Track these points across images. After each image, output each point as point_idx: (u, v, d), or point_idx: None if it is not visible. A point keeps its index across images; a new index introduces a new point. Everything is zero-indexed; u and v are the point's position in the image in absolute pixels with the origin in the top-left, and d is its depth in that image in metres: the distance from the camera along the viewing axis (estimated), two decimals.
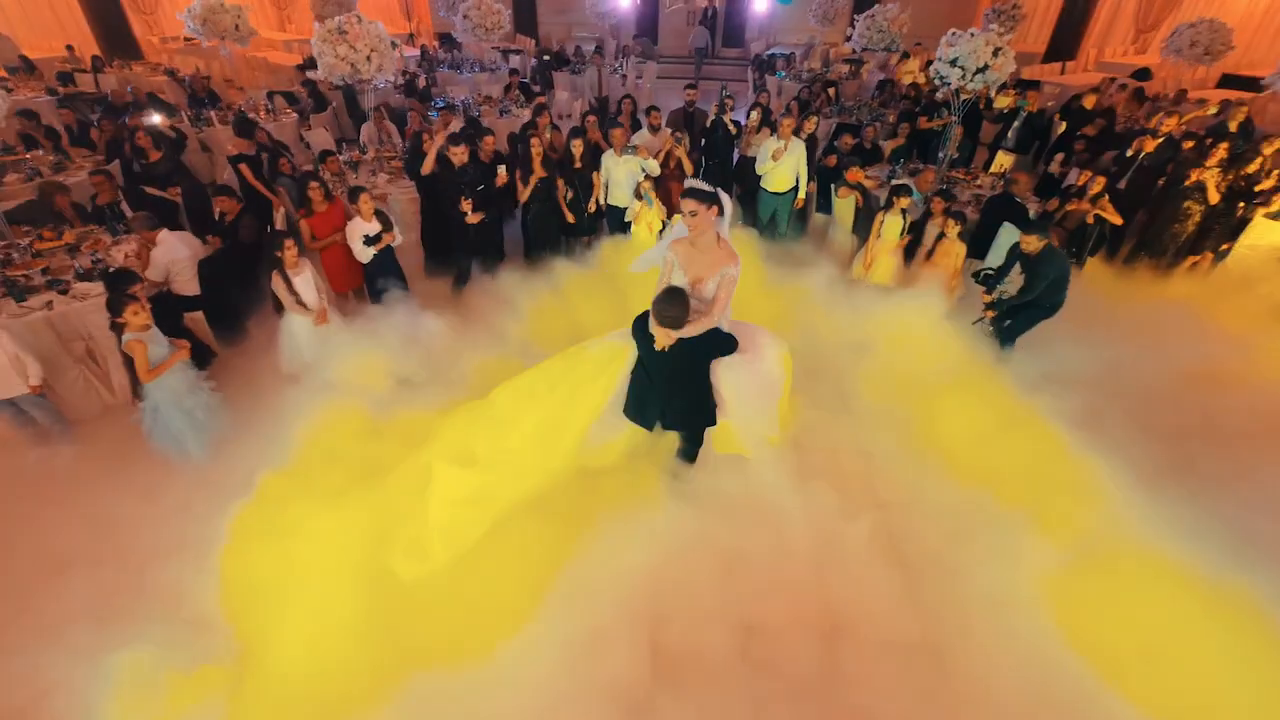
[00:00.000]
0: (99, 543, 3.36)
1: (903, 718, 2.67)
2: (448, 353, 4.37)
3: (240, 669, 2.67)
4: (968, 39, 5.82)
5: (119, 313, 3.39)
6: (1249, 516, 3.33)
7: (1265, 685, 2.46)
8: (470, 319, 4.87)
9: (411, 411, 3.74)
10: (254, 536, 3.01)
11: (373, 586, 2.87)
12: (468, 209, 5.12)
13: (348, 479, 3.27)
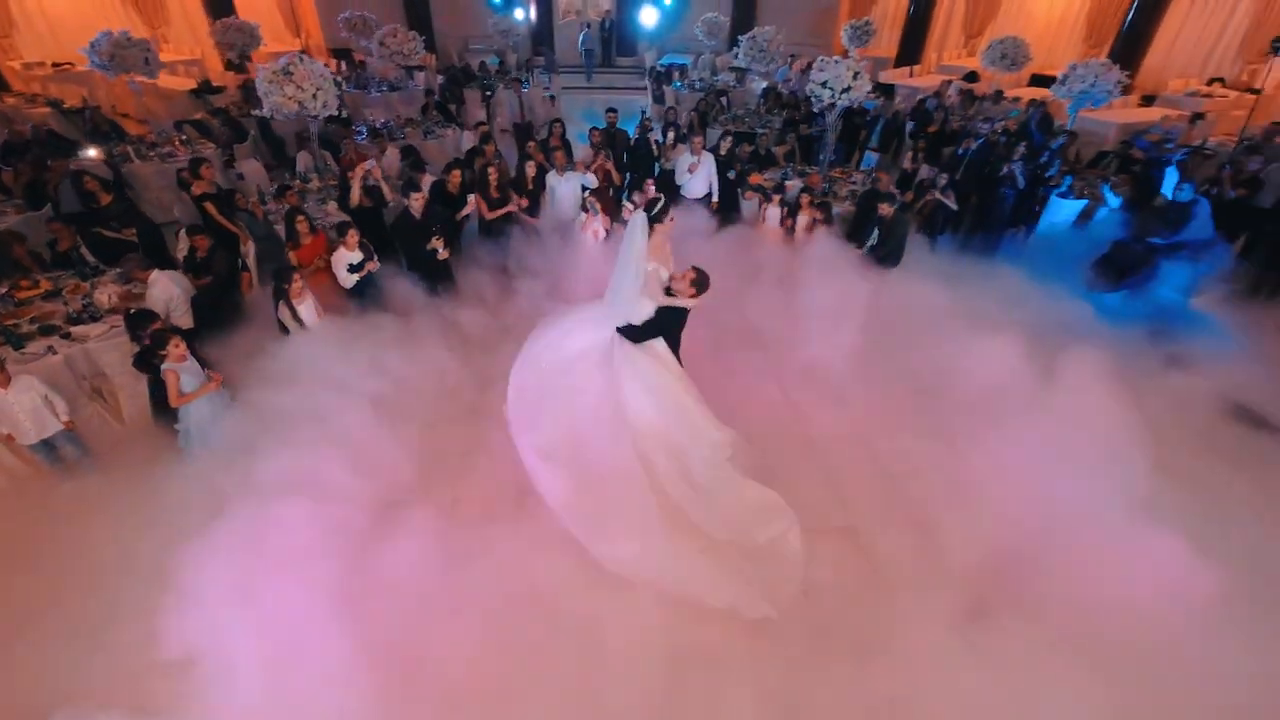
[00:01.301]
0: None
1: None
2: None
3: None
4: (833, 65, 7.18)
5: (163, 345, 3.86)
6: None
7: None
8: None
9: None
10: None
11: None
12: (439, 246, 5.47)
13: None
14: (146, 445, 4.48)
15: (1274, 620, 3.22)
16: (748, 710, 3.04)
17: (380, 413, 4.38)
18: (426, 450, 4.29)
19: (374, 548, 3.50)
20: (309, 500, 3.51)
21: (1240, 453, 4.54)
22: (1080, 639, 3.10)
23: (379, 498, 3.84)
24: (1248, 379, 5.19)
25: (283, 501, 3.47)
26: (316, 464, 3.84)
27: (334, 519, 3.54)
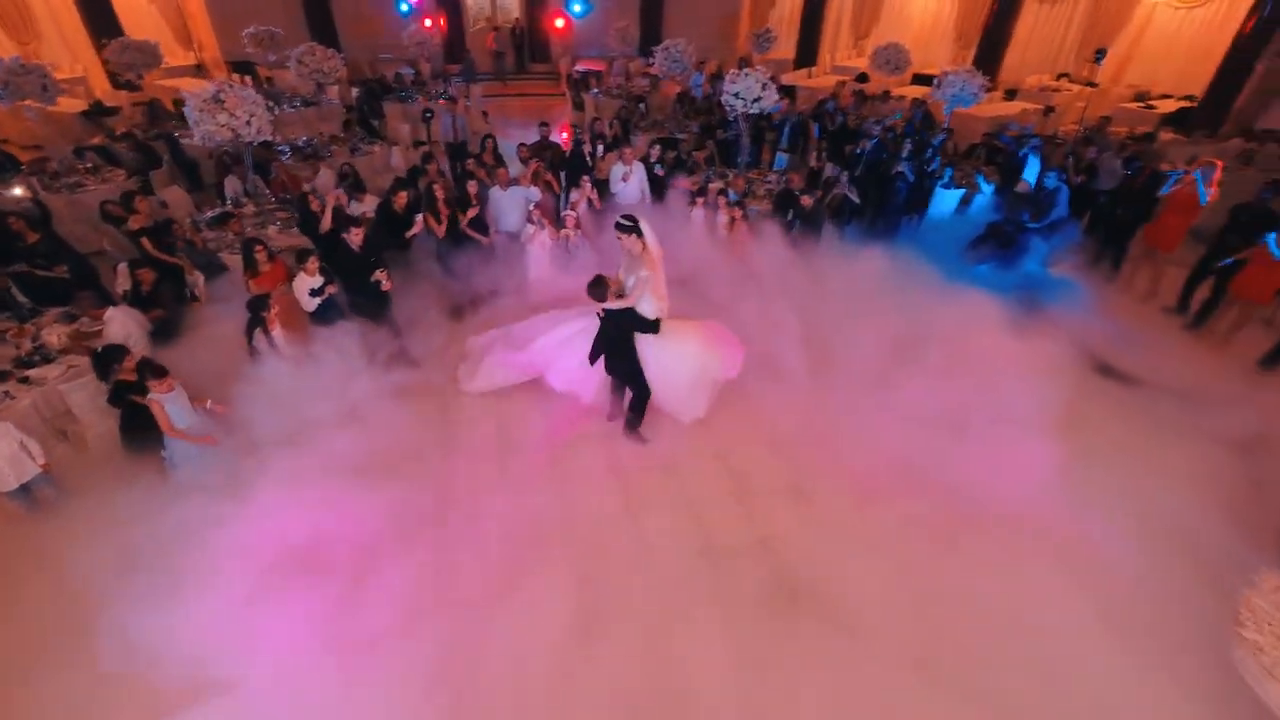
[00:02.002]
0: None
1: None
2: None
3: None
4: (744, 78, 7.93)
5: (161, 376, 3.99)
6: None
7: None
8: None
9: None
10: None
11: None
12: (383, 278, 5.41)
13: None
14: (120, 479, 4.52)
15: (1111, 495, 4.26)
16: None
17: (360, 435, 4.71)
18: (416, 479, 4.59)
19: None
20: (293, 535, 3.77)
21: (1094, 389, 5.70)
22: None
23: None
24: (1099, 332, 6.41)
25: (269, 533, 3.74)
26: (302, 492, 4.10)
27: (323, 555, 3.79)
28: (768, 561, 4.19)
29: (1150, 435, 5.04)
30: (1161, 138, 10.67)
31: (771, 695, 3.35)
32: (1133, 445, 4.91)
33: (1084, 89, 13.18)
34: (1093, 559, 3.93)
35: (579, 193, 7.24)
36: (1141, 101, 12.50)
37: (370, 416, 4.89)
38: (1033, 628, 3.53)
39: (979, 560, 3.96)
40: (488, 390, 5.61)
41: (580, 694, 3.34)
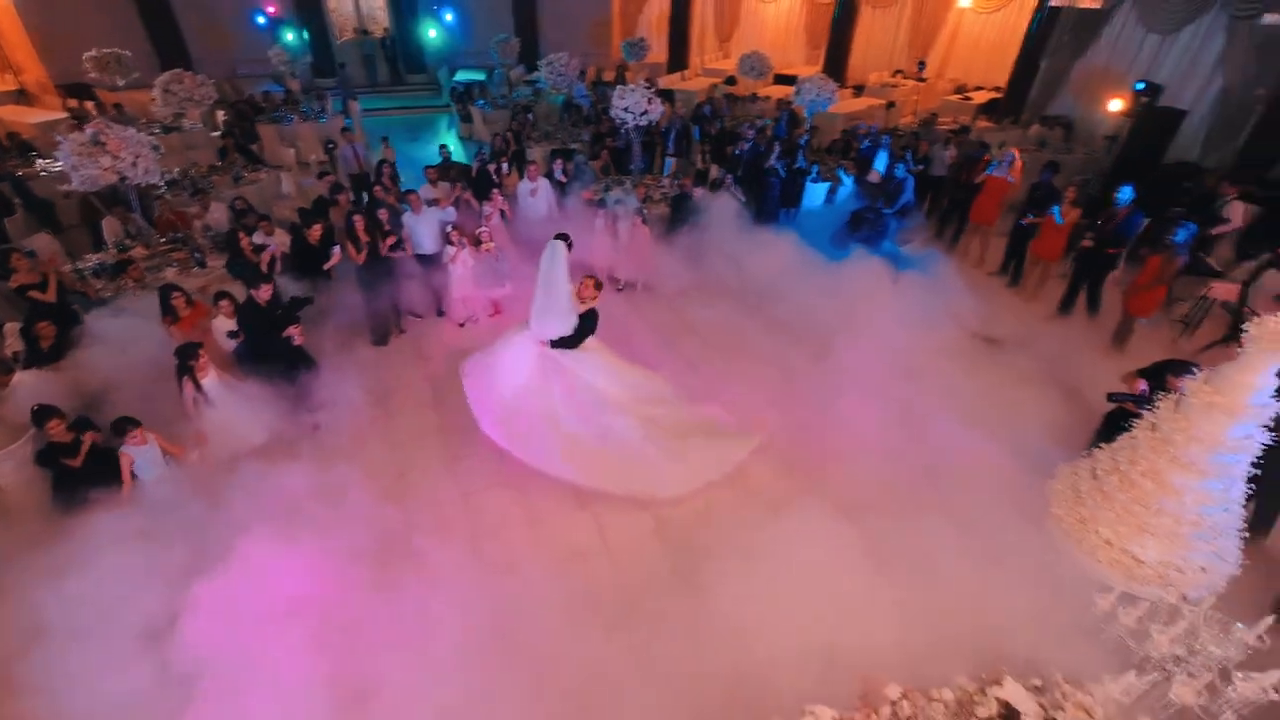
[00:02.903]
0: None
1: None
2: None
3: None
4: (632, 92, 8.60)
5: (136, 428, 4.02)
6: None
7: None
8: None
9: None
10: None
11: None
12: (295, 333, 5.37)
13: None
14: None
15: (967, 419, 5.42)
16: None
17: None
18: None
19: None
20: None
21: (952, 340, 6.96)
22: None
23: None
24: (948, 294, 7.77)
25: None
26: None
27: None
28: (710, 532, 4.86)
29: (989, 370, 6.33)
30: (978, 126, 12.66)
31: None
32: (978, 379, 6.16)
33: (916, 84, 15.19)
34: (956, 464, 5.02)
35: (491, 206, 7.60)
36: (960, 94, 14.62)
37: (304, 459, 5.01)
38: (923, 504, 4.57)
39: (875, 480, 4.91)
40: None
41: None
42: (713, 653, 3.69)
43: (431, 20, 16.30)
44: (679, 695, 3.50)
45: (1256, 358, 3.16)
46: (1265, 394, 3.22)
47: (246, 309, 5.38)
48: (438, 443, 5.77)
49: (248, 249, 6.05)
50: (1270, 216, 8.42)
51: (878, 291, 7.29)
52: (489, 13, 16.26)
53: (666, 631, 3.87)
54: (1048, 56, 12.69)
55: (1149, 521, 3.53)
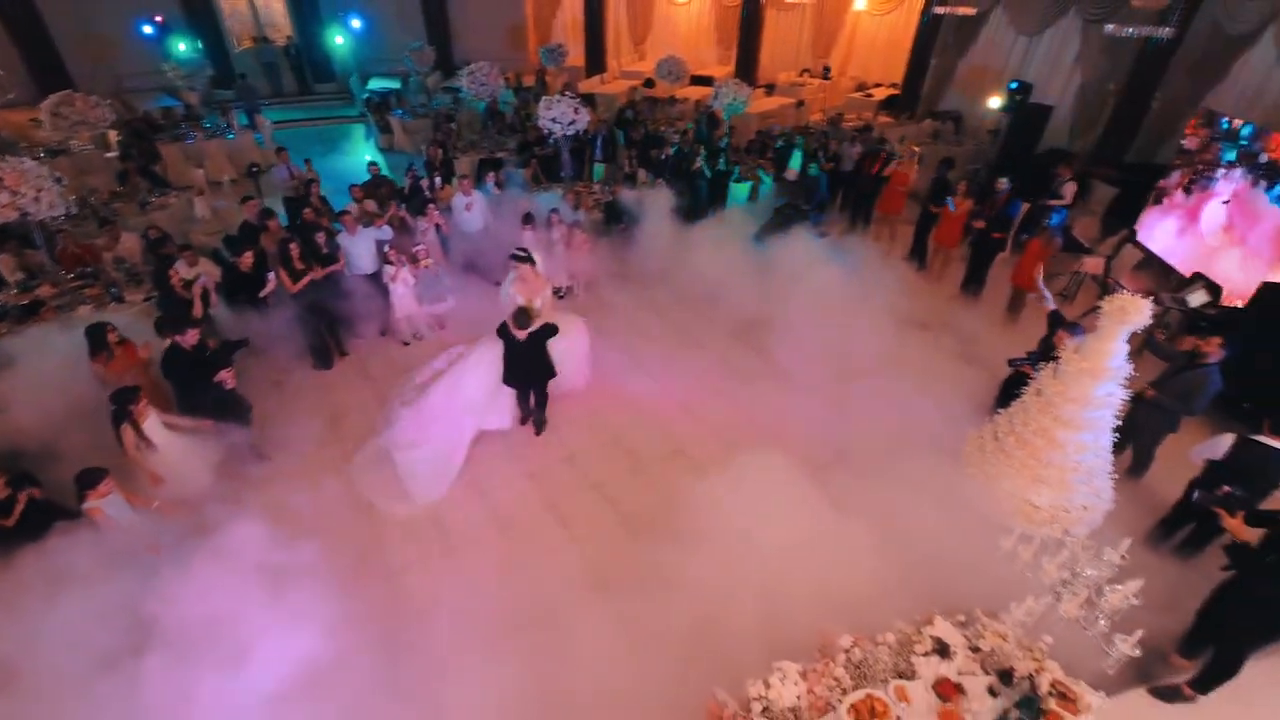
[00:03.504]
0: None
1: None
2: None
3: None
4: (558, 102, 8.80)
5: (104, 475, 3.91)
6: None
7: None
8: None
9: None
10: None
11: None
12: (228, 378, 5.13)
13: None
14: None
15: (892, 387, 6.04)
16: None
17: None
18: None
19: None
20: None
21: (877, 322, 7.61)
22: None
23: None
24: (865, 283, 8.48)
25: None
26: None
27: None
28: (670, 519, 5.22)
29: (909, 345, 7.02)
30: (879, 121, 13.65)
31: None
32: (901, 353, 6.83)
33: (822, 83, 16.12)
34: (884, 431, 5.62)
35: (426, 222, 7.61)
36: (862, 91, 15.66)
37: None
38: (859, 469, 5.13)
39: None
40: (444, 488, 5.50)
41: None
42: (686, 620, 4.05)
43: (338, 27, 15.73)
44: (660, 658, 3.84)
45: (1109, 329, 3.83)
46: (1119, 358, 3.90)
47: (171, 356, 5.07)
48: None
49: (178, 286, 5.83)
50: (1126, 197, 9.67)
51: (804, 280, 7.92)
52: (399, 19, 15.87)
53: (640, 606, 4.21)
54: (935, 56, 13.84)
55: (1041, 472, 4.18)
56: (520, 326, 5.22)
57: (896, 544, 4.11)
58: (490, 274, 8.41)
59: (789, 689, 2.99)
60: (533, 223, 7.75)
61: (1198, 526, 4.61)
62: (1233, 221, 7.58)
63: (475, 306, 7.67)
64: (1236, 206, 7.55)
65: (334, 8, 15.70)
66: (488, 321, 6.44)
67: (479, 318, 7.31)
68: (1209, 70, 9.46)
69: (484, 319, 7.01)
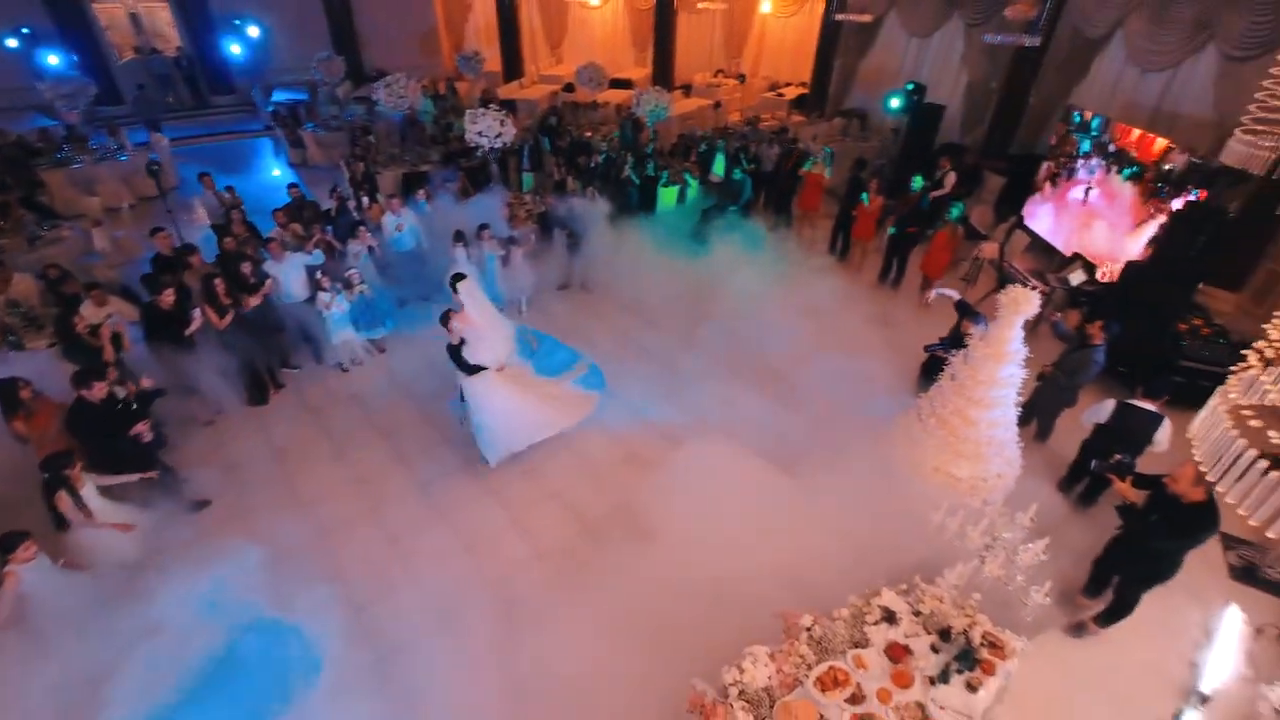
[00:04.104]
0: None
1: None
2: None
3: None
4: (483, 116, 8.77)
5: (24, 539, 3.69)
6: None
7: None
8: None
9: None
10: None
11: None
12: (144, 429, 4.87)
13: None
14: None
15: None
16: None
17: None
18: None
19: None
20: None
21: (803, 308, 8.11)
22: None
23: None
24: (791, 277, 8.99)
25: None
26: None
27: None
28: (630, 521, 5.44)
29: (837, 334, 7.53)
30: (792, 120, 14.35)
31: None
32: (831, 341, 7.33)
33: (737, 83, 16.70)
34: (829, 410, 6.08)
35: (358, 244, 7.43)
36: (774, 91, 16.36)
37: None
38: (805, 457, 5.56)
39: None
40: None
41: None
42: (655, 617, 4.29)
43: (233, 36, 14.84)
44: (635, 655, 4.06)
45: (1008, 317, 4.35)
46: (1017, 343, 4.44)
47: (77, 412, 4.71)
48: (352, 494, 5.73)
49: (83, 331, 5.46)
50: (1013, 186, 10.68)
51: (735, 279, 8.36)
52: (300, 27, 15.15)
53: (608, 607, 4.45)
54: (838, 57, 14.66)
55: (959, 448, 4.68)
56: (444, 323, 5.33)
57: (842, 526, 4.51)
58: (428, 292, 8.34)
59: (760, 670, 3.28)
60: (464, 240, 7.72)
61: (1090, 483, 5.29)
62: (1098, 204, 8.59)
63: (415, 327, 7.61)
64: (1101, 190, 8.55)
65: (226, 15, 14.80)
66: (431, 341, 6.46)
67: (420, 338, 7.31)
68: (1073, 70, 10.58)
69: (426, 339, 7.02)
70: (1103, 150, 8.50)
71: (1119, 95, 9.89)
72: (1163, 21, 8.89)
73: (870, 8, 12.60)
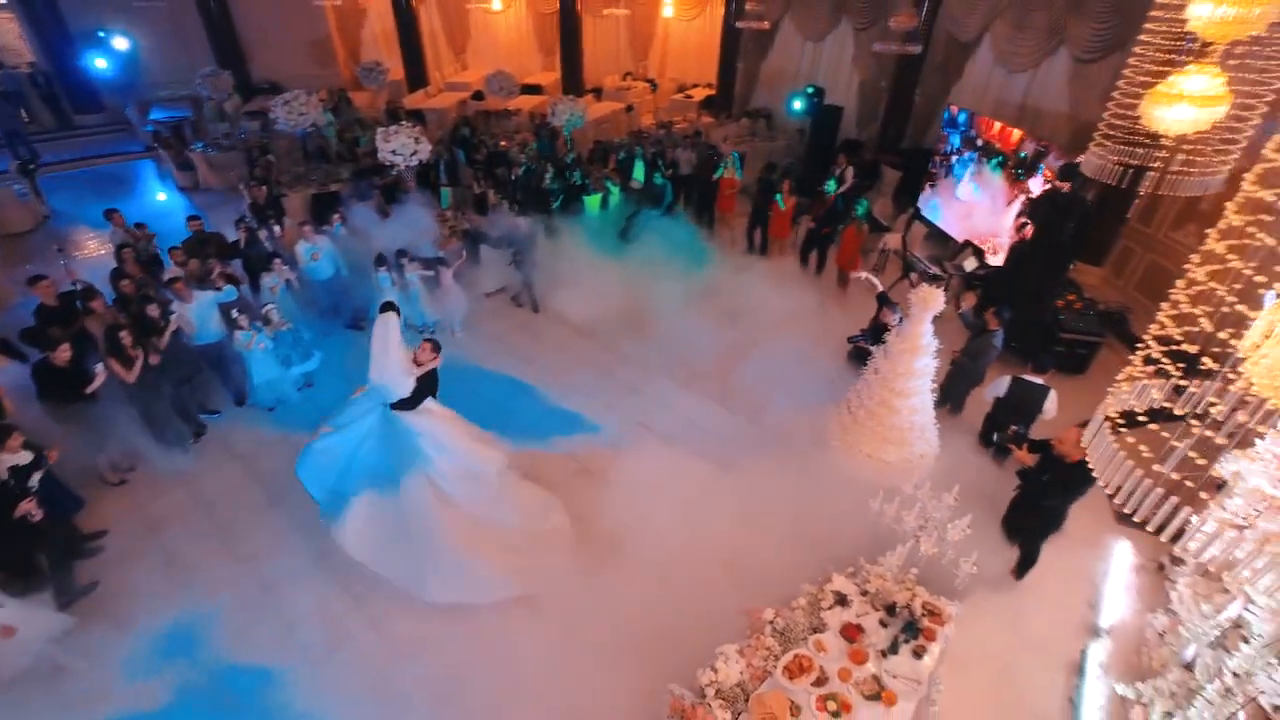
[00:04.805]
0: None
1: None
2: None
3: None
4: (395, 133, 8.52)
5: None
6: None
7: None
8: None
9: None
10: None
11: None
12: (30, 509, 4.40)
13: None
14: None
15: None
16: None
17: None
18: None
19: None
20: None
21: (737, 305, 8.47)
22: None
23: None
24: (715, 275, 9.35)
25: None
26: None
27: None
28: (588, 535, 5.53)
29: (766, 331, 7.93)
30: (703, 121, 14.78)
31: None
32: (762, 337, 7.71)
33: (647, 85, 16.98)
34: (768, 406, 6.45)
35: (273, 277, 7.06)
36: (683, 92, 16.77)
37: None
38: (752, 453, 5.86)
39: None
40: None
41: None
42: (625, 628, 4.46)
43: (98, 49, 13.50)
44: (611, 670, 4.21)
45: (919, 314, 4.81)
46: (929, 336, 4.91)
47: None
48: (297, 542, 5.49)
49: None
50: (908, 178, 11.56)
51: (665, 284, 8.64)
52: (177, 38, 13.97)
53: (577, 623, 4.57)
54: (740, 60, 15.24)
55: (886, 434, 5.13)
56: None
57: (790, 519, 4.84)
58: (355, 319, 8.06)
59: (732, 668, 3.51)
60: (386, 263, 7.49)
61: (995, 450, 5.93)
62: (976, 192, 9.51)
63: (343, 357, 7.35)
64: (976, 180, 9.47)
65: (86, 27, 13.41)
66: (363, 371, 6.24)
67: (351, 369, 7.05)
68: (951, 71, 11.56)
69: (358, 369, 6.77)
70: (971, 143, 9.41)
71: (990, 93, 10.92)
72: (1022, 27, 9.91)
73: (766, 14, 13.17)
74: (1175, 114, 3.61)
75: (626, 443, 6.45)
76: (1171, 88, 3.61)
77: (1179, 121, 3.60)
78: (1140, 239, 8.92)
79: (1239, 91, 3.55)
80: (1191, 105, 3.54)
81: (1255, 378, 2.07)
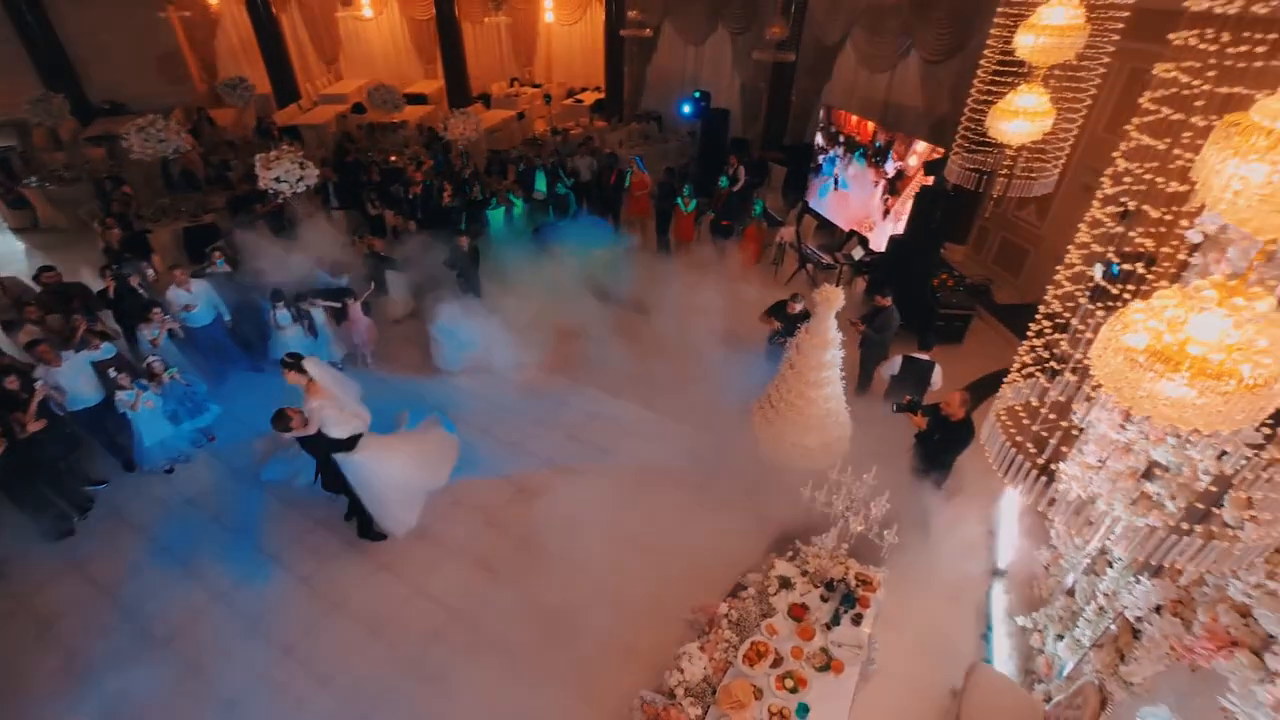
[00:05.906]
0: None
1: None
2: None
3: None
4: (277, 160, 7.99)
5: None
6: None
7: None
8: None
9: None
10: None
11: None
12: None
13: None
14: None
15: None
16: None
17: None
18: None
19: None
20: None
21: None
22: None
23: None
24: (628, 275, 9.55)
25: None
26: None
27: None
28: (533, 552, 5.57)
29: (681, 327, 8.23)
30: (595, 125, 14.93)
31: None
32: (679, 334, 8.01)
33: (535, 90, 16.86)
34: (695, 405, 6.72)
35: (155, 327, 6.42)
36: (573, 97, 16.81)
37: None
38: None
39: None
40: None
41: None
42: (579, 641, 4.57)
43: None
44: (577, 686, 4.32)
45: (823, 311, 5.24)
46: (834, 331, 5.37)
47: None
48: (221, 612, 5.12)
49: None
50: (794, 174, 12.35)
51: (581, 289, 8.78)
52: None
53: (531, 644, 4.60)
54: (626, 64, 15.51)
55: (806, 423, 5.54)
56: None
57: (728, 514, 5.15)
58: (253, 361, 7.52)
59: (697, 665, 3.74)
60: (283, 299, 7.07)
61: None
62: (848, 182, 10.38)
63: (247, 402, 6.84)
64: (846, 171, 10.33)
65: None
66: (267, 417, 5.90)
67: (254, 416, 6.58)
68: (821, 72, 12.45)
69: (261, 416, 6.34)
70: (833, 139, 10.29)
71: (858, 91, 11.89)
72: (877, 31, 10.87)
73: (647, 20, 13.51)
74: (1014, 126, 4.24)
75: (561, 458, 6.53)
76: (1009, 104, 4.22)
77: (1017, 134, 4.22)
78: (995, 219, 10.11)
79: (1061, 106, 4.23)
80: (1026, 119, 4.16)
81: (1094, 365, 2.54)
